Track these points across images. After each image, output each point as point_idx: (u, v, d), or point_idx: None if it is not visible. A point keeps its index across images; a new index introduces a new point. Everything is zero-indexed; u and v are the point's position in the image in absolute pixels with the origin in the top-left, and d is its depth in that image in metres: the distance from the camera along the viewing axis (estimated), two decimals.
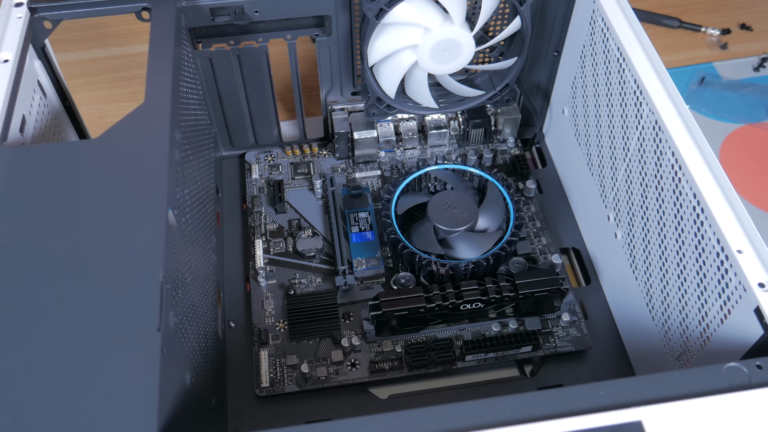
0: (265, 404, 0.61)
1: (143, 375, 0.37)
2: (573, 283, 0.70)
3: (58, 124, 0.62)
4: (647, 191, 0.56)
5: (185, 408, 0.42)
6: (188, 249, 0.51)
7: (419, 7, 0.62)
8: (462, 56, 0.66)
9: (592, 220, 0.70)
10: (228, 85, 0.71)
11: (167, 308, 0.41)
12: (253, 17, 0.64)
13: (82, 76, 0.92)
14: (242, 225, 0.73)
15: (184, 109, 0.57)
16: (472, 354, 0.61)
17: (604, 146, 0.64)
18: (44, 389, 0.37)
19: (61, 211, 0.44)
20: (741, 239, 0.45)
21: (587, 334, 0.64)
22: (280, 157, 0.78)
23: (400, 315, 0.59)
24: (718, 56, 0.93)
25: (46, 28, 0.59)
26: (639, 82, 0.55)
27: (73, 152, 0.48)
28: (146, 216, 0.44)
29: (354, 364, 0.62)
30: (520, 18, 0.64)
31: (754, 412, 0.37)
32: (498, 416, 0.36)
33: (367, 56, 0.66)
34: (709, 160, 0.49)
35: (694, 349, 0.51)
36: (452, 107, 0.74)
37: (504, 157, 0.78)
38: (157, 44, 0.55)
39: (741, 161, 0.81)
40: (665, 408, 0.36)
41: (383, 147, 0.77)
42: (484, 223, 0.66)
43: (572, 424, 0.35)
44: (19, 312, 0.40)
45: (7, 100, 0.51)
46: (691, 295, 0.51)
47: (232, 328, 0.65)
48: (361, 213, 0.70)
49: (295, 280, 0.68)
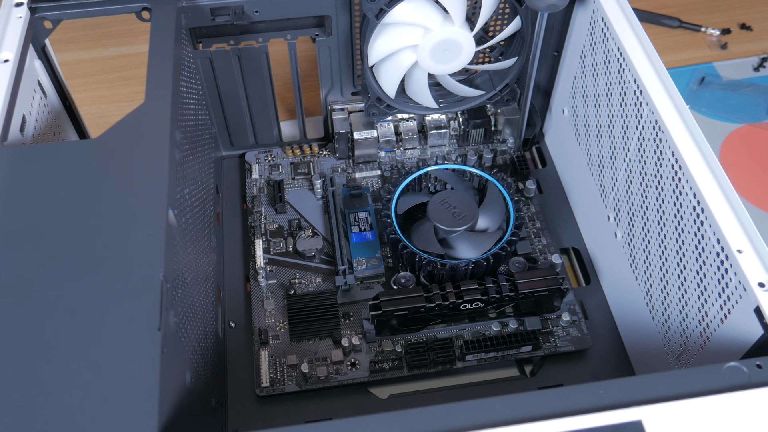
0: (265, 404, 0.61)
1: (143, 375, 0.37)
2: (573, 283, 0.70)
3: (58, 124, 0.62)
4: (647, 191, 0.56)
5: (185, 408, 0.42)
6: (188, 249, 0.51)
7: (419, 7, 0.62)
8: (462, 56, 0.66)
9: (592, 220, 0.70)
10: (228, 85, 0.71)
11: (167, 308, 0.41)
12: (253, 17, 0.64)
13: (82, 76, 0.92)
14: (242, 225, 0.73)
15: (184, 109, 0.57)
16: (472, 354, 0.61)
17: (604, 146, 0.64)
18: (44, 389, 0.37)
19: (61, 211, 0.44)
20: (741, 239, 0.45)
21: (587, 334, 0.64)
22: (280, 157, 0.78)
23: (400, 315, 0.59)
24: (718, 56, 0.93)
25: (47, 28, 0.59)
26: (639, 82, 0.55)
27: (73, 152, 0.48)
28: (146, 216, 0.44)
29: (354, 364, 0.62)
30: (520, 18, 0.64)
31: (754, 412, 0.37)
32: (498, 416, 0.36)
33: (367, 56, 0.66)
34: (709, 160, 0.49)
35: (694, 349, 0.51)
36: (452, 107, 0.74)
37: (504, 158, 0.78)
38: (157, 44, 0.55)
39: (741, 161, 0.81)
40: (665, 408, 0.36)
41: (383, 147, 0.77)
42: (484, 223, 0.66)
43: (572, 424, 0.35)
44: (19, 312, 0.40)
45: (7, 100, 0.51)
46: (691, 295, 0.51)
47: (232, 328, 0.65)
48: (361, 213, 0.70)
49: (295, 280, 0.68)
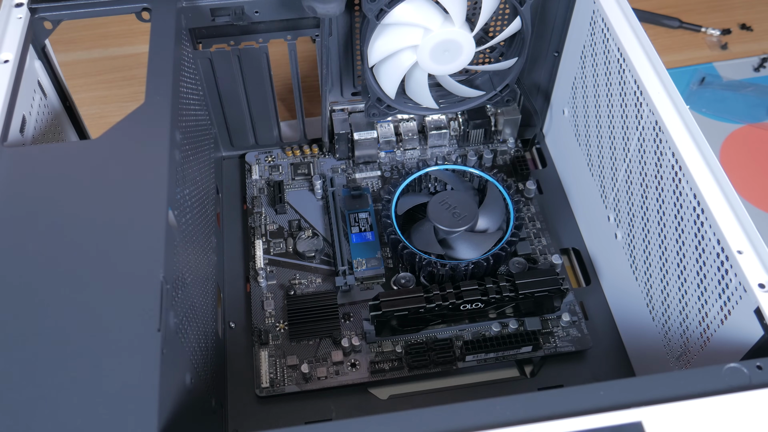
0: (265, 404, 0.61)
1: (143, 375, 0.37)
2: (573, 283, 0.70)
3: (58, 125, 0.62)
4: (647, 192, 0.56)
5: (185, 408, 0.42)
6: (188, 249, 0.51)
7: (419, 7, 0.62)
8: (462, 57, 0.66)
9: (592, 220, 0.70)
10: (228, 86, 0.71)
11: (167, 308, 0.41)
12: (254, 17, 0.64)
13: (82, 76, 0.92)
14: (242, 225, 0.73)
15: (184, 110, 0.57)
16: (472, 354, 0.61)
17: (604, 147, 0.64)
18: (44, 389, 0.37)
19: (61, 211, 0.44)
20: (741, 240, 0.45)
21: (587, 334, 0.64)
22: (281, 158, 0.78)
23: (400, 315, 0.59)
24: (718, 56, 0.93)
25: (47, 28, 0.59)
26: (639, 83, 0.55)
27: (73, 152, 0.48)
28: (146, 216, 0.44)
29: (354, 365, 0.62)
30: (520, 18, 0.64)
31: (754, 413, 0.37)
32: (498, 417, 0.36)
33: (368, 57, 0.66)
34: (709, 160, 0.49)
35: (695, 350, 0.51)
36: (452, 108, 0.74)
37: (504, 158, 0.78)
38: (157, 44, 0.55)
39: (741, 161, 0.81)
40: (665, 408, 0.36)
41: (383, 147, 0.77)
42: (484, 223, 0.66)
43: (572, 425, 0.35)
44: (19, 312, 0.40)
45: (7, 100, 0.51)
46: (691, 296, 0.51)
47: (232, 329, 0.65)
48: (361, 213, 0.70)
49: (295, 280, 0.68)
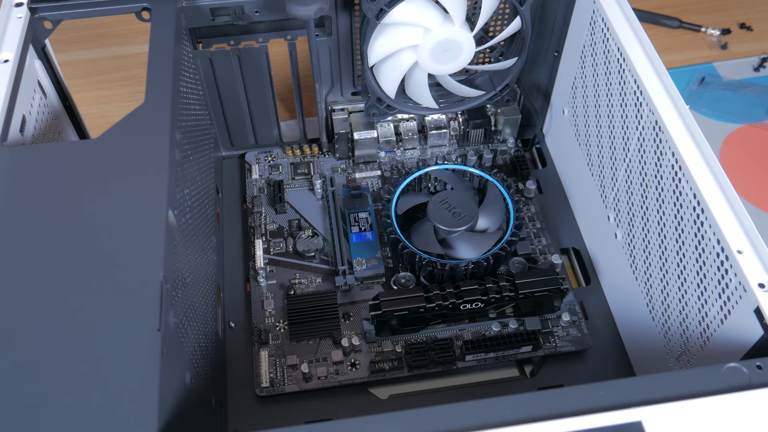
0: (265, 404, 0.61)
1: (143, 375, 0.37)
2: (573, 283, 0.70)
3: (58, 124, 0.62)
4: (647, 191, 0.56)
5: (185, 408, 0.42)
6: (188, 249, 0.51)
7: (419, 7, 0.62)
8: (462, 56, 0.66)
9: (592, 220, 0.70)
10: (228, 85, 0.71)
11: (167, 308, 0.41)
12: (254, 17, 0.64)
13: (82, 76, 0.92)
14: (242, 225, 0.73)
15: (184, 109, 0.57)
16: (472, 354, 0.61)
17: (604, 146, 0.64)
18: (44, 389, 0.37)
19: (61, 211, 0.44)
20: (741, 239, 0.45)
21: (587, 334, 0.64)
22: (280, 158, 0.78)
23: (400, 315, 0.59)
24: (718, 56, 0.93)
25: (47, 28, 0.59)
26: (639, 83, 0.55)
27: (73, 152, 0.48)
28: (146, 216, 0.44)
29: (354, 364, 0.62)
30: (520, 18, 0.64)
31: (754, 413, 0.37)
32: (498, 416, 0.36)
33: (367, 56, 0.66)
34: (709, 160, 0.49)
35: (694, 350, 0.51)
36: (452, 107, 0.74)
37: (504, 158, 0.78)
38: (157, 44, 0.55)
39: (741, 161, 0.81)
40: (665, 408, 0.36)
41: (383, 147, 0.77)
42: (484, 223, 0.66)
43: (572, 425, 0.35)
44: (19, 312, 0.40)
45: (7, 100, 0.51)
46: (691, 296, 0.51)
47: (232, 328, 0.65)
48: (361, 213, 0.70)
49: (295, 280, 0.68)
